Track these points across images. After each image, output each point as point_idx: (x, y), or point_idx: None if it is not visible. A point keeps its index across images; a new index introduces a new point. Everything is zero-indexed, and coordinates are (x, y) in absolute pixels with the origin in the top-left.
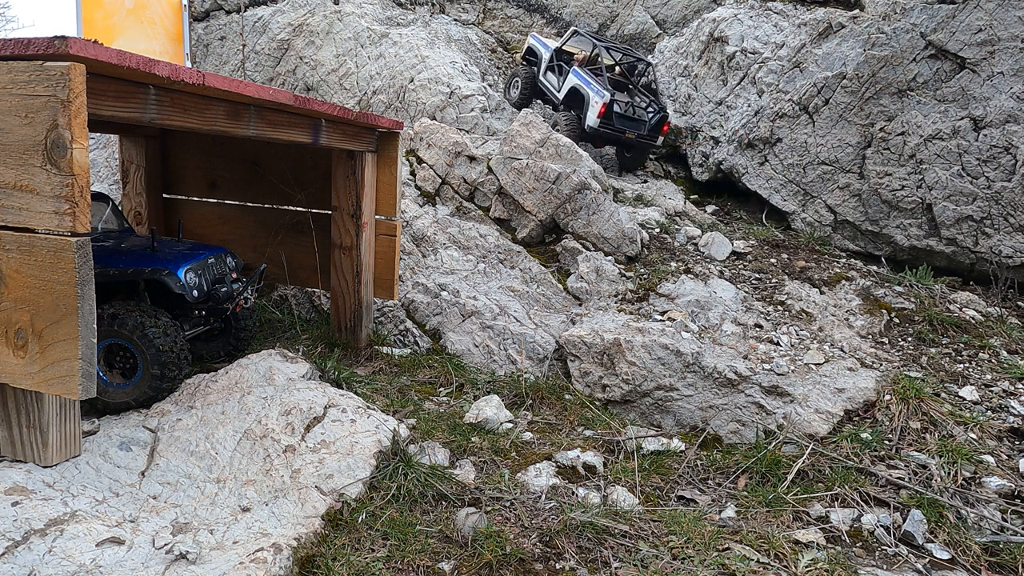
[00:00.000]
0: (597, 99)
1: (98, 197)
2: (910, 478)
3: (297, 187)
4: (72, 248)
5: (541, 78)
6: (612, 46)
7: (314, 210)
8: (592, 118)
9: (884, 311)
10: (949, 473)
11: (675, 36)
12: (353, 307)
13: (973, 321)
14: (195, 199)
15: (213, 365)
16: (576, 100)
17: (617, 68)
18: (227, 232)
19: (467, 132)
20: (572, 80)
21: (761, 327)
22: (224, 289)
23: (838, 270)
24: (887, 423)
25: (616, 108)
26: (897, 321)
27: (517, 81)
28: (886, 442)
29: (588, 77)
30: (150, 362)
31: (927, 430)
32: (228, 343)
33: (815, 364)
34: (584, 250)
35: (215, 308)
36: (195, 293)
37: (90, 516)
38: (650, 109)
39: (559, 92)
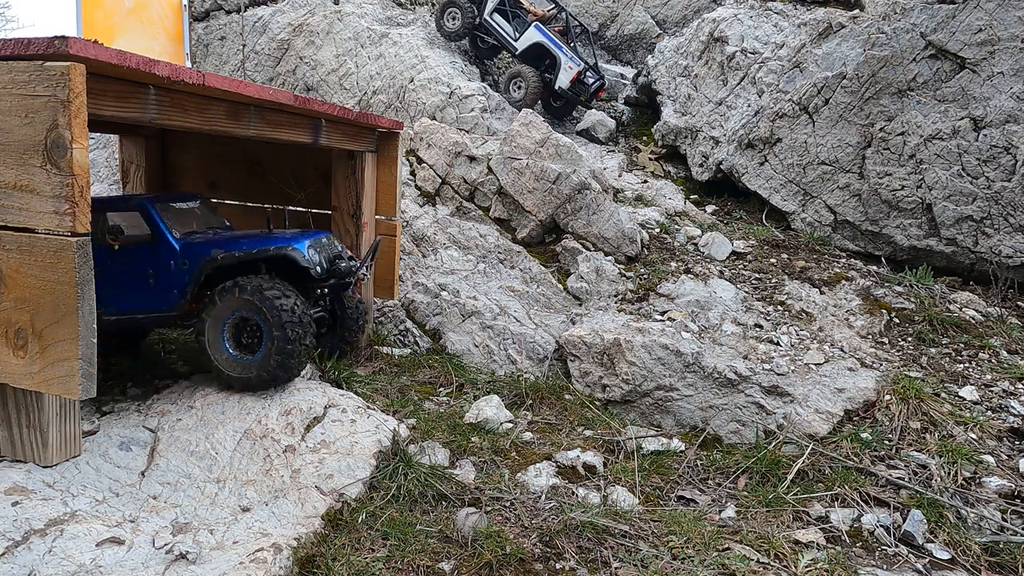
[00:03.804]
0: (572, 65)
1: (190, 197)
2: (910, 478)
3: (297, 187)
4: (72, 248)
5: (487, 17)
6: (563, 8)
7: (314, 210)
8: (565, 81)
9: (884, 311)
10: (949, 473)
11: (675, 36)
12: None
13: (973, 321)
14: None
15: None
16: (537, 56)
17: (559, 28)
18: None
19: (467, 132)
20: (536, 36)
21: (761, 327)
22: (344, 264)
23: (838, 270)
24: (887, 423)
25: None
26: (897, 321)
27: (456, 12)
28: (886, 442)
29: (557, 39)
30: (274, 326)
31: (927, 430)
32: (337, 336)
33: (815, 364)
34: (584, 250)
35: (337, 284)
36: (318, 269)
37: (90, 516)
38: (589, 75)
39: (516, 42)
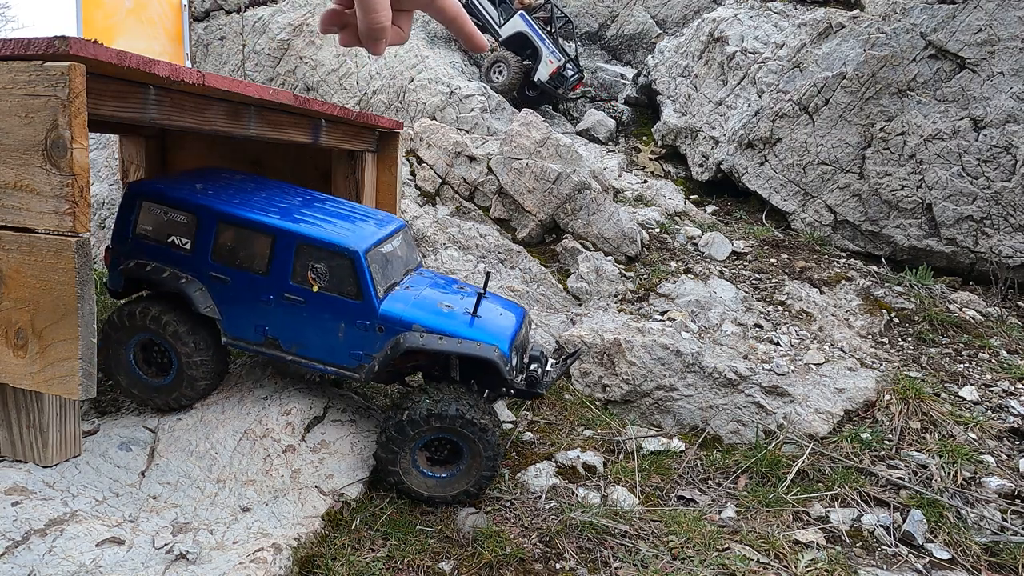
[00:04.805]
0: (553, 59)
1: (393, 229)
2: (910, 478)
3: None
4: (72, 248)
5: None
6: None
7: None
8: (545, 74)
9: (884, 311)
10: (949, 473)
11: (675, 36)
12: None
13: (973, 321)
14: None
15: None
16: (520, 45)
17: (543, 17)
18: None
19: (467, 132)
20: (520, 25)
21: (761, 327)
22: (539, 371)
23: (838, 270)
24: (887, 423)
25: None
26: (897, 321)
27: None
28: (886, 442)
29: (541, 32)
30: (478, 447)
31: (927, 430)
32: None
33: (815, 364)
34: (584, 250)
35: (526, 391)
36: (518, 381)
37: (90, 516)
38: (569, 67)
39: (500, 28)
